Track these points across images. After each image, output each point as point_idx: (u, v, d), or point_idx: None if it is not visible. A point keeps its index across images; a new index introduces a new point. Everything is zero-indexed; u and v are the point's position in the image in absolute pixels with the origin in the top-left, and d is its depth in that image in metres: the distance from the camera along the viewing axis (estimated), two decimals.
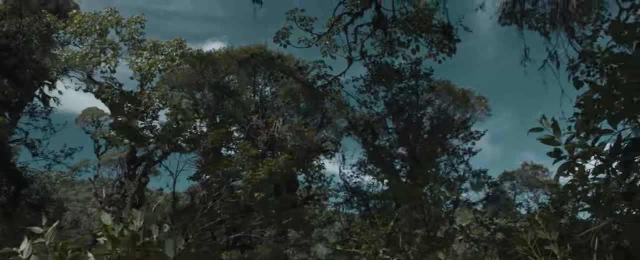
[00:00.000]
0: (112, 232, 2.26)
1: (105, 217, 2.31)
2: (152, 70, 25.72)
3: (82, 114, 40.44)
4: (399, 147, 20.28)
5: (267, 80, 22.69)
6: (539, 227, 4.26)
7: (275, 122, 21.18)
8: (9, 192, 24.48)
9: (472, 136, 21.95)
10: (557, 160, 3.76)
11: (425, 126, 20.53)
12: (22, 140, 25.24)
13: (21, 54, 23.47)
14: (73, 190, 61.75)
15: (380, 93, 20.09)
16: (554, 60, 12.16)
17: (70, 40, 27.31)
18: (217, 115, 20.84)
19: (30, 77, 24.25)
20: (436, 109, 21.39)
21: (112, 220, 2.31)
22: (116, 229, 2.27)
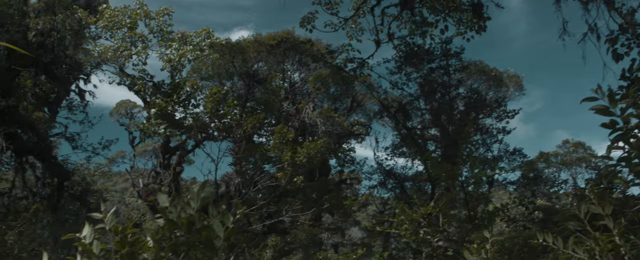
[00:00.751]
0: (170, 214, 2.29)
1: (163, 198, 2.33)
2: (181, 61, 26.14)
3: (116, 107, 41.54)
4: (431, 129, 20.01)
5: (296, 66, 22.69)
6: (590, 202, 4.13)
7: (305, 107, 21.20)
8: (53, 184, 25.41)
9: (506, 114, 21.47)
10: (612, 132, 3.62)
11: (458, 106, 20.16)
12: (62, 134, 26.11)
13: (56, 50, 24.10)
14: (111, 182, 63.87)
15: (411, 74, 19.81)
16: (594, 33, 11.67)
17: (101, 35, 27.99)
18: (247, 102, 21.00)
19: (66, 73, 24.92)
20: (468, 88, 20.98)
21: (170, 202, 2.34)
22: (174, 211, 2.30)
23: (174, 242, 2.19)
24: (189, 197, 2.36)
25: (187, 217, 2.25)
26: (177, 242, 2.19)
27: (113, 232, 2.23)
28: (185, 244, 2.19)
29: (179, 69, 27.03)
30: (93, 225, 2.39)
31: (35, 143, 24.09)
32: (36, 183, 25.41)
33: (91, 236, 2.35)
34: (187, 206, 2.33)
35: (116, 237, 2.23)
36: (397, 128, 21.45)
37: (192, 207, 2.36)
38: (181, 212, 2.30)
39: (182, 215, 2.31)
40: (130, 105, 41.09)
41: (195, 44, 25.95)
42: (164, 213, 2.29)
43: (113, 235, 2.24)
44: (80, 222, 24.62)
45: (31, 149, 24.08)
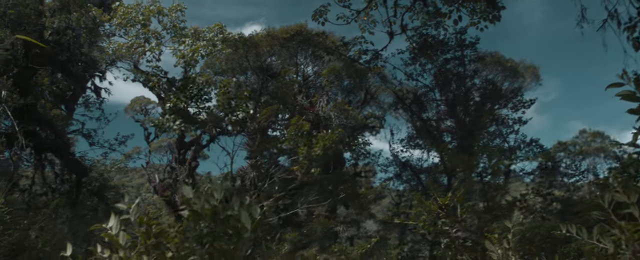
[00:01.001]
0: (194, 205, 2.29)
1: (187, 190, 2.34)
2: (195, 57, 26.26)
3: (131, 103, 41.94)
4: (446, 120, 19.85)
5: (308, 59, 22.66)
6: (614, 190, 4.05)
7: (319, 101, 21.19)
8: (71, 180, 25.81)
9: (521, 105, 21.17)
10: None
11: (474, 97, 19.94)
12: (79, 131, 26.47)
13: (72, 48, 24.37)
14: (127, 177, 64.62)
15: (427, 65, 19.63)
16: (614, 20, 11.39)
17: (115, 32, 28.25)
18: (261, 97, 21.04)
19: (82, 70, 25.21)
20: (484, 79, 20.74)
21: (193, 193, 2.34)
22: (198, 202, 2.30)
23: (198, 232, 2.19)
24: (211, 188, 2.35)
25: (211, 208, 2.24)
26: (201, 233, 2.19)
27: (138, 224, 2.24)
28: (210, 234, 2.19)
29: (192, 64, 27.19)
30: (118, 216, 2.41)
31: (53, 140, 24.46)
32: (55, 179, 25.84)
33: (117, 227, 2.37)
34: (211, 197, 2.33)
35: (141, 228, 2.24)
36: (412, 120, 21.32)
37: (215, 198, 2.36)
38: (205, 203, 2.30)
39: (205, 206, 2.31)
40: (144, 101, 41.48)
41: (208, 40, 26.03)
42: (187, 204, 2.29)
43: (138, 226, 2.25)
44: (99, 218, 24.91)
45: (50, 146, 24.46)
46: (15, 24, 21.97)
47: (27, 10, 21.36)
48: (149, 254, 2.26)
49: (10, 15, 20.55)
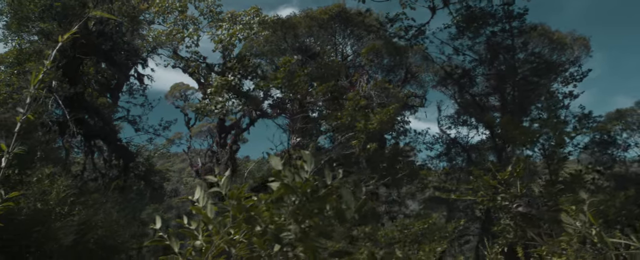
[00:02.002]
0: (284, 178, 2.24)
1: (275, 161, 2.29)
2: (232, 41, 26.43)
3: (171, 90, 42.82)
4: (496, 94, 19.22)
5: (347, 39, 22.41)
6: None
7: (359, 80, 20.96)
8: (119, 165, 26.73)
9: (573, 78, 20.26)
10: None
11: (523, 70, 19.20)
12: (125, 117, 27.27)
13: (115, 37, 24.96)
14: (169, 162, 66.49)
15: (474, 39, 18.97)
16: None
17: (154, 20, 28.74)
18: None
19: (125, 59, 25.83)
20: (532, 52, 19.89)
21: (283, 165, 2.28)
22: (289, 175, 2.25)
23: (295, 207, 2.14)
24: (302, 159, 2.30)
25: (305, 182, 2.19)
26: (298, 209, 2.14)
27: (230, 197, 2.21)
28: (305, 210, 2.14)
29: (230, 48, 27.42)
30: (205, 189, 2.40)
31: (101, 127, 25.33)
32: (104, 165, 26.82)
33: (205, 199, 2.36)
34: (301, 170, 2.28)
35: (233, 202, 2.22)
36: (459, 95, 20.79)
37: (306, 171, 2.30)
38: (295, 176, 2.25)
39: (296, 180, 2.26)
40: (184, 87, 42.27)
41: (245, 23, 26.11)
42: (277, 177, 2.24)
43: (229, 198, 2.23)
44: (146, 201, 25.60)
45: (98, 133, 25.34)
46: (61, 16, 22.61)
47: (71, 2, 21.93)
48: (240, 228, 2.24)
49: (56, 7, 21.17)
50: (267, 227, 2.22)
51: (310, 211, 2.14)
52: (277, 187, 2.28)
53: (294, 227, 2.13)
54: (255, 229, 2.25)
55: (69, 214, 6.54)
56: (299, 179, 2.26)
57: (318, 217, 2.14)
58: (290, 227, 2.15)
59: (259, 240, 2.20)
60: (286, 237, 2.17)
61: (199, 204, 2.35)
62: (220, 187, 2.23)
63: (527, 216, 6.18)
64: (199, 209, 2.33)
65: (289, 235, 2.17)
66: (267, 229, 2.22)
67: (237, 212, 2.21)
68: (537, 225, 5.97)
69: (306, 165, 2.32)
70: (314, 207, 2.13)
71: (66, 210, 6.48)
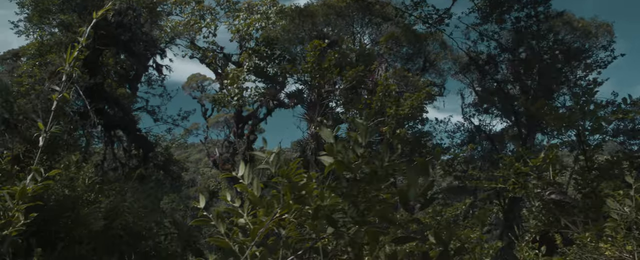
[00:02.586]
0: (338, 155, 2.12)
1: (326, 132, 2.16)
2: (249, 31, 26.36)
3: (188, 81, 43.01)
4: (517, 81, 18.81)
5: (365, 27, 22.17)
6: None
7: (378, 69, 20.73)
8: (139, 155, 26.97)
9: (597, 65, 19.74)
10: None
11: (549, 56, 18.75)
12: (144, 108, 27.46)
13: (133, 28, 25.05)
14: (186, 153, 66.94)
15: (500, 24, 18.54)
16: None
17: (172, 10, 28.83)
18: None
19: (143, 49, 25.93)
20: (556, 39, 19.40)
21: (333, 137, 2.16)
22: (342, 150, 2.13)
23: (351, 186, 2.02)
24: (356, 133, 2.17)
25: (364, 159, 2.06)
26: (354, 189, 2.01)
27: (280, 175, 2.11)
28: (363, 190, 2.02)
29: (247, 38, 27.38)
30: (251, 165, 2.30)
31: (121, 117, 25.53)
32: (124, 155, 27.08)
33: (250, 176, 2.26)
34: (355, 144, 2.15)
35: (282, 180, 2.11)
36: (483, 82, 20.39)
37: (360, 145, 2.17)
38: (349, 151, 2.13)
39: (350, 155, 2.14)
40: (200, 78, 42.43)
41: (262, 13, 26.00)
42: (330, 151, 2.12)
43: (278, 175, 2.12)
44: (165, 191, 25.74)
45: (118, 123, 25.56)
46: (81, 7, 22.75)
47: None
48: (290, 208, 2.14)
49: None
50: (318, 207, 2.11)
51: (367, 191, 2.02)
52: (328, 163, 2.16)
53: (350, 208, 2.01)
54: (306, 209, 2.14)
55: (96, 201, 6.59)
56: (353, 154, 2.14)
57: (377, 198, 2.01)
58: (346, 208, 2.04)
59: (311, 223, 2.09)
60: (341, 219, 2.06)
61: (244, 181, 2.25)
62: (269, 164, 2.12)
63: (560, 203, 6.00)
64: (245, 187, 2.23)
65: (343, 217, 2.06)
66: (319, 210, 2.11)
67: (287, 191, 2.10)
68: (571, 212, 5.78)
69: (360, 138, 2.17)
70: (372, 186, 2.00)
71: (92, 198, 6.52)
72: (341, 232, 2.13)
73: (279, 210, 2.18)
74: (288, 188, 2.10)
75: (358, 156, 2.12)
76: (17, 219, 2.39)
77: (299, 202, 2.12)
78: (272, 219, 2.10)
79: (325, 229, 2.15)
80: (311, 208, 2.14)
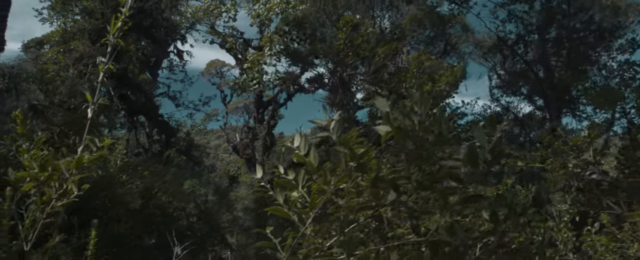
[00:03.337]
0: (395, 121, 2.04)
1: (382, 102, 2.09)
2: (269, 15, 26.22)
3: (207, 67, 43.12)
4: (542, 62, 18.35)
5: (385, 11, 21.86)
6: None
7: (399, 52, 20.45)
8: (161, 140, 27.30)
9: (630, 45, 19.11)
10: None
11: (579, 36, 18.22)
12: (165, 93, 27.67)
13: (154, 14, 25.16)
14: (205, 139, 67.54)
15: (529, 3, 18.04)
16: None
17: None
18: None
19: (164, 35, 26.07)
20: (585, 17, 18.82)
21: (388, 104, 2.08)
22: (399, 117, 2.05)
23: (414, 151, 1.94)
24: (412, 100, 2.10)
25: (422, 125, 1.98)
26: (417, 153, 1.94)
27: (341, 143, 2.04)
28: (427, 153, 1.94)
29: (267, 23, 27.27)
30: (305, 135, 2.24)
31: (143, 103, 25.82)
32: (147, 140, 27.46)
33: (306, 146, 2.19)
34: (411, 111, 2.08)
35: (344, 150, 2.05)
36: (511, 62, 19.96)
37: (415, 112, 2.10)
38: (407, 119, 2.06)
39: (406, 123, 2.06)
40: (219, 64, 42.50)
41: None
42: (387, 120, 2.04)
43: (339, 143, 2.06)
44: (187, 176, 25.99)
45: (140, 108, 25.87)
46: None
47: None
48: (351, 177, 2.08)
49: None
50: (378, 174, 2.05)
51: (431, 154, 1.95)
52: (385, 131, 2.09)
53: (414, 172, 1.94)
54: (366, 178, 2.07)
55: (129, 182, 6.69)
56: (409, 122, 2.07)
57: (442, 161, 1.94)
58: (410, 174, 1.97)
59: (375, 189, 2.03)
60: (405, 184, 1.99)
61: (300, 150, 2.19)
62: (330, 131, 2.06)
63: (601, 184, 5.85)
64: (301, 157, 2.17)
65: (407, 183, 1.99)
66: (380, 177, 2.04)
67: (348, 160, 2.04)
68: (613, 193, 5.63)
69: (416, 107, 2.11)
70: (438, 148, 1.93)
71: (125, 178, 6.61)
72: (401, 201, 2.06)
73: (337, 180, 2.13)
74: (349, 156, 2.04)
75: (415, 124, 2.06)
76: (71, 191, 2.38)
77: (360, 170, 2.06)
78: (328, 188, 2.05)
79: (386, 197, 2.09)
80: (371, 176, 2.08)
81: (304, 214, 2.15)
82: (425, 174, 1.93)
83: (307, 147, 2.22)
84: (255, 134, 32.33)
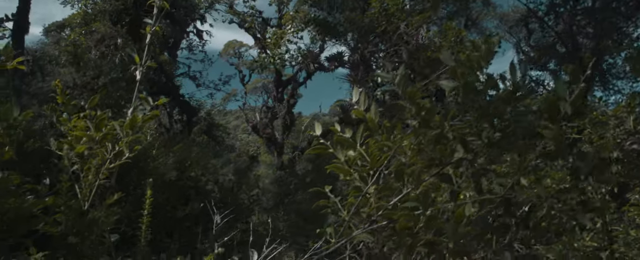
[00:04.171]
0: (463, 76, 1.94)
1: (446, 54, 1.99)
2: None
3: (225, 48, 43.08)
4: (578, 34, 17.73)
5: None
6: None
7: (419, 29, 20.05)
8: (183, 120, 27.56)
9: None
10: None
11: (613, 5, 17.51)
12: (186, 73, 27.80)
13: None
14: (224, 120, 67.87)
15: None
16: None
17: None
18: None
19: (184, 15, 26.03)
20: None
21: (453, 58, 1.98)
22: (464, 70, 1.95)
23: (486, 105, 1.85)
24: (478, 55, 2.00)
25: (491, 80, 1.88)
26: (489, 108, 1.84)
27: (407, 97, 1.96)
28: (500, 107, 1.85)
29: (285, 2, 27.03)
30: (363, 89, 2.16)
31: (164, 83, 25.99)
32: (168, 120, 27.73)
33: (365, 102, 2.12)
34: (479, 66, 1.98)
35: (410, 105, 1.96)
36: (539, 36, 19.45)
37: (482, 67, 2.00)
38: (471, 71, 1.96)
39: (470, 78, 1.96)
40: (237, 45, 42.38)
41: None
42: (453, 72, 1.95)
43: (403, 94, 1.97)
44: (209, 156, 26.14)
45: (161, 89, 26.05)
46: None
47: None
48: (417, 133, 2.00)
49: None
50: (443, 131, 1.96)
51: (503, 109, 1.85)
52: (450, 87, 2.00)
53: (486, 129, 1.85)
54: (430, 135, 1.99)
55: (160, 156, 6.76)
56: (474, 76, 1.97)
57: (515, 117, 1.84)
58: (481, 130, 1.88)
59: (441, 147, 1.94)
60: (474, 141, 1.90)
61: (360, 106, 2.11)
62: (396, 85, 1.97)
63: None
64: (361, 113, 2.09)
65: (476, 140, 1.90)
66: (446, 134, 1.96)
67: (412, 116, 1.96)
68: None
69: (482, 62, 2.01)
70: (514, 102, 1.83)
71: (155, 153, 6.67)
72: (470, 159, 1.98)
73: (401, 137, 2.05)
74: (416, 111, 1.96)
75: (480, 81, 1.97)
76: (122, 152, 2.36)
77: (425, 126, 1.97)
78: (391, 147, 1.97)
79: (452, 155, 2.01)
80: (436, 132, 1.99)
81: (365, 173, 2.08)
82: (497, 130, 1.84)
83: (366, 103, 2.15)
84: (274, 113, 32.39)
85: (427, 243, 1.75)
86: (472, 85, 1.95)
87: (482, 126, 1.89)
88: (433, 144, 2.02)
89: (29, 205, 1.94)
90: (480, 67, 2.01)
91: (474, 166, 2.00)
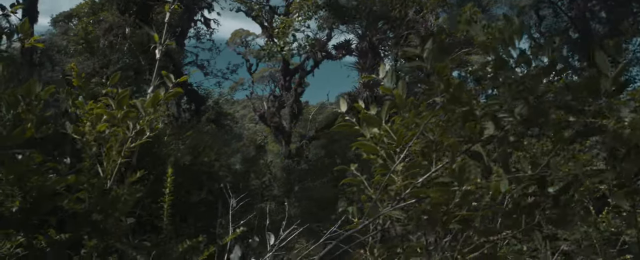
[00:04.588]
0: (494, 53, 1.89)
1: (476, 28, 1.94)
2: None
3: (232, 37, 42.89)
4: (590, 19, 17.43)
5: None
6: None
7: (428, 16, 19.85)
8: (191, 109, 27.59)
9: None
10: None
11: None
12: (194, 62, 27.75)
13: None
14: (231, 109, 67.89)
15: None
16: None
17: None
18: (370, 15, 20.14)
19: (192, 3, 25.92)
20: None
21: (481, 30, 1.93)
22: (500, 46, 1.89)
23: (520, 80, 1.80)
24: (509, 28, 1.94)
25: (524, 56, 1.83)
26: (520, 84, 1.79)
27: (436, 72, 1.91)
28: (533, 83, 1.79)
29: None
30: (394, 64, 2.11)
31: (172, 72, 25.96)
32: (177, 109, 27.78)
33: (393, 78, 2.07)
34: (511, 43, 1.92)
35: (436, 78, 1.92)
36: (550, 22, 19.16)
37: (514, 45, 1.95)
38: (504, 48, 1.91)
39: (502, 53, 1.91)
40: (244, 34, 42.21)
41: None
42: (483, 46, 1.90)
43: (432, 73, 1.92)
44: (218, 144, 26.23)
45: None
46: None
47: None
48: (446, 110, 1.95)
49: None
50: (472, 107, 1.91)
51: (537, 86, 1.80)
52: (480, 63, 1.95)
53: (520, 105, 1.80)
54: (459, 111, 1.94)
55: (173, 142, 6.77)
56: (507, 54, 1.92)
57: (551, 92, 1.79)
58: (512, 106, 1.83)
59: (470, 125, 1.90)
60: (505, 117, 1.85)
61: (387, 82, 2.06)
62: (424, 60, 1.92)
63: None
64: (389, 89, 2.04)
65: (508, 117, 1.85)
66: (474, 110, 1.91)
67: (441, 92, 1.91)
68: None
69: (516, 36, 1.96)
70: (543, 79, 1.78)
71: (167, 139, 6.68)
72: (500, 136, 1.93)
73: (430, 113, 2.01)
74: (443, 86, 1.91)
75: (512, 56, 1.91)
76: (143, 131, 2.33)
77: (454, 102, 1.92)
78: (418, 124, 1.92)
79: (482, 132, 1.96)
80: (466, 108, 1.94)
81: (391, 150, 2.04)
82: (531, 106, 1.79)
83: (395, 78, 2.10)
84: (281, 102, 32.33)
85: (462, 219, 1.72)
86: (505, 60, 1.89)
87: (514, 102, 1.84)
88: (462, 121, 1.97)
89: (52, 183, 1.94)
90: (512, 42, 1.95)
91: (504, 144, 1.95)
